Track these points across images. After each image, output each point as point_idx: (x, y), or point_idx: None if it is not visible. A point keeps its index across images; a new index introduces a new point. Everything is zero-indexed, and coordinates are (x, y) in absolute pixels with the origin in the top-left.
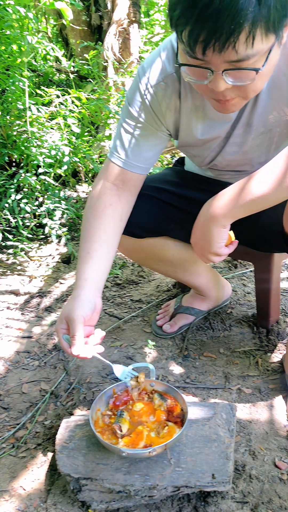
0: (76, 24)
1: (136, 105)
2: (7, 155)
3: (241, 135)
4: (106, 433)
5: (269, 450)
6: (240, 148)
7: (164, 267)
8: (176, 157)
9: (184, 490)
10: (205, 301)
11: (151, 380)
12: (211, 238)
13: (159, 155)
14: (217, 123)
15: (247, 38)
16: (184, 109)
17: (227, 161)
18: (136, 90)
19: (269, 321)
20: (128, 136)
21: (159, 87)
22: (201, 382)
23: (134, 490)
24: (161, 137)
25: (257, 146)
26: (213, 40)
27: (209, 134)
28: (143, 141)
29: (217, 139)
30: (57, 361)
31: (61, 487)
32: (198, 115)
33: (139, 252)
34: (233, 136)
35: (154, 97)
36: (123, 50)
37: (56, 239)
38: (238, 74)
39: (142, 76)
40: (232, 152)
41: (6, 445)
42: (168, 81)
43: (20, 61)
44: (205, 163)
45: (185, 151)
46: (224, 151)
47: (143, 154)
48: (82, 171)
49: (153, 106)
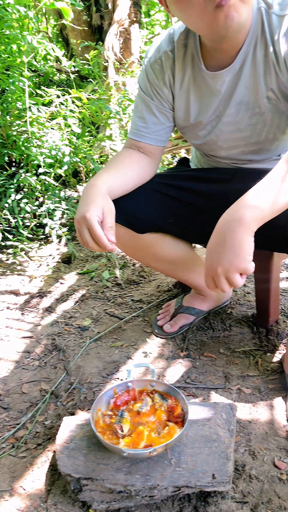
0: (77, 24)
1: (142, 84)
2: (7, 155)
3: (235, 112)
4: (107, 433)
5: (268, 450)
6: (235, 126)
7: (163, 265)
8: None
9: (185, 490)
10: (206, 301)
11: (151, 380)
12: (241, 250)
13: (170, 130)
14: (206, 99)
15: None
16: (177, 84)
17: (222, 141)
18: (142, 72)
19: (269, 321)
20: (138, 113)
21: (156, 64)
22: (201, 382)
23: (135, 490)
24: (166, 112)
25: (252, 125)
26: None
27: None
28: (152, 117)
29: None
30: (57, 361)
31: (62, 487)
32: (189, 90)
33: (137, 249)
34: (227, 114)
35: (152, 74)
36: (123, 50)
37: (56, 239)
38: None
39: (145, 59)
40: (227, 130)
41: (6, 445)
42: (163, 58)
43: (20, 61)
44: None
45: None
46: (218, 128)
47: (153, 127)
48: (83, 171)
49: (152, 82)
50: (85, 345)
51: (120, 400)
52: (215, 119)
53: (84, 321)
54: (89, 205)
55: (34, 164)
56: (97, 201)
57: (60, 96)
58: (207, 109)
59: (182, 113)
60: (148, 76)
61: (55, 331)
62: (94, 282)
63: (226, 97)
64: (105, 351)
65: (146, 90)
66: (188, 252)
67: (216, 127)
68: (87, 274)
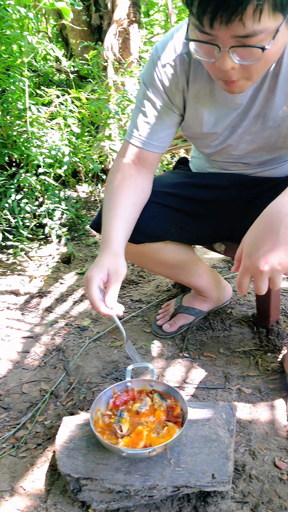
0: (76, 24)
1: (150, 85)
2: (7, 155)
3: (250, 125)
4: (106, 433)
5: (269, 450)
6: (252, 139)
7: (165, 270)
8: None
9: (184, 490)
10: (206, 302)
11: (151, 380)
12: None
13: (173, 136)
14: (223, 111)
15: (254, 11)
16: (191, 92)
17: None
18: (149, 70)
19: (269, 321)
20: (143, 117)
21: (170, 67)
22: (201, 382)
23: (134, 490)
24: (174, 117)
25: (265, 138)
26: (220, 11)
27: (215, 125)
28: (157, 121)
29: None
30: (57, 361)
31: (61, 487)
32: (205, 100)
33: (140, 256)
34: (243, 126)
35: (164, 76)
36: (123, 50)
37: (56, 239)
38: (244, 53)
39: (155, 56)
40: (243, 141)
41: (6, 445)
42: (177, 61)
43: (20, 61)
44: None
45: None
46: (232, 139)
47: (158, 134)
48: (82, 171)
49: (164, 85)
50: (84, 345)
51: (119, 400)
52: (230, 130)
53: (83, 321)
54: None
55: (34, 164)
56: (104, 261)
57: (59, 96)
58: (224, 121)
59: (193, 123)
60: (159, 77)
61: (55, 331)
62: None
63: (245, 109)
64: (105, 351)
65: (154, 91)
66: (190, 255)
67: (230, 138)
68: None
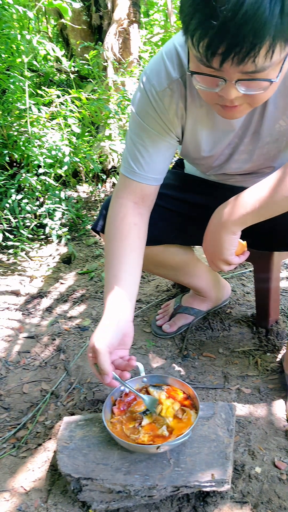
0: (77, 24)
1: (145, 116)
2: (7, 155)
3: (248, 144)
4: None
5: (268, 450)
6: (250, 157)
7: (165, 271)
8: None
9: (184, 490)
10: (205, 302)
11: (142, 377)
12: (221, 245)
13: (170, 162)
14: (221, 132)
15: (267, 52)
16: (190, 116)
17: (234, 169)
18: (143, 100)
19: (269, 321)
20: (141, 148)
21: (165, 94)
22: (201, 382)
23: (134, 490)
24: (172, 145)
25: (264, 154)
26: (232, 54)
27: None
28: (156, 152)
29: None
30: (57, 361)
31: (62, 487)
32: (203, 123)
33: None
34: (242, 145)
35: (160, 104)
36: (123, 50)
37: (56, 239)
38: (251, 84)
39: (146, 84)
40: (241, 160)
41: (7, 445)
42: (173, 87)
43: (20, 61)
44: (211, 170)
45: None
46: (232, 159)
47: (158, 165)
48: (83, 171)
49: (161, 113)
50: (85, 345)
51: (123, 406)
52: (230, 151)
53: (84, 321)
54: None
55: (34, 164)
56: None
57: (60, 96)
58: (222, 143)
59: (191, 146)
60: (155, 106)
61: (55, 331)
62: (94, 282)
63: (243, 129)
64: None
65: (151, 122)
66: (190, 256)
67: (229, 159)
68: (87, 274)
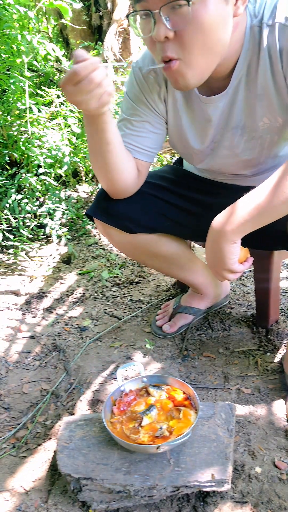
0: (77, 24)
1: (133, 96)
2: (7, 155)
3: (231, 138)
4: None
5: (268, 450)
6: (232, 151)
7: (159, 263)
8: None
9: (184, 490)
10: (203, 300)
11: (142, 377)
12: (222, 255)
13: (160, 143)
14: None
15: None
16: (170, 99)
17: (219, 165)
18: (131, 81)
19: (269, 321)
20: (129, 125)
21: (150, 75)
22: (201, 382)
23: (134, 490)
24: (159, 126)
25: (249, 149)
26: None
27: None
28: (143, 129)
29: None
30: (57, 361)
31: (62, 487)
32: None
33: (132, 247)
34: (225, 140)
35: (145, 85)
36: (123, 50)
37: (56, 239)
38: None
39: (135, 67)
40: (226, 155)
41: (7, 445)
42: (157, 70)
43: (21, 61)
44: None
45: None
46: (216, 154)
47: (141, 140)
48: (83, 171)
49: (146, 94)
50: (85, 345)
51: (123, 406)
52: (213, 145)
53: (84, 321)
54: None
55: (34, 164)
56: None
57: (60, 96)
58: (205, 135)
59: (177, 136)
60: (141, 86)
61: (55, 331)
62: (93, 282)
63: (222, 123)
64: (105, 351)
65: (137, 100)
66: (184, 250)
67: (214, 153)
68: (86, 274)
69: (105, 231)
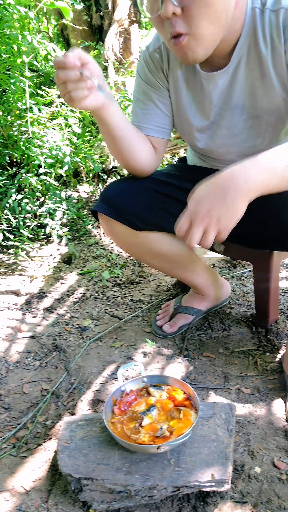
0: (77, 24)
1: (142, 74)
2: (8, 155)
3: (229, 117)
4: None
5: (268, 450)
6: (231, 131)
7: (161, 263)
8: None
9: (184, 490)
10: (204, 300)
11: (142, 377)
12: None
13: (171, 121)
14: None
15: None
16: (171, 76)
17: (217, 146)
18: (141, 60)
19: (268, 321)
20: (139, 103)
21: (155, 53)
22: (200, 382)
23: (135, 490)
24: (167, 102)
25: (248, 129)
26: None
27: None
28: (152, 106)
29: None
30: (58, 361)
31: (62, 487)
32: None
33: (136, 246)
34: (222, 119)
35: (151, 63)
36: (123, 50)
37: (57, 239)
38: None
39: (144, 49)
40: (223, 135)
41: (7, 445)
42: (162, 48)
43: (21, 61)
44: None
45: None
46: (216, 134)
47: (154, 118)
48: (83, 171)
49: (152, 71)
50: (85, 345)
51: (124, 406)
52: (213, 124)
53: (84, 321)
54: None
55: (35, 164)
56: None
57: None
58: (204, 113)
59: (176, 112)
60: (148, 64)
61: (55, 331)
62: (94, 282)
63: (222, 102)
64: (105, 351)
65: (146, 79)
66: (185, 249)
67: (212, 132)
68: (87, 274)
69: (109, 229)
